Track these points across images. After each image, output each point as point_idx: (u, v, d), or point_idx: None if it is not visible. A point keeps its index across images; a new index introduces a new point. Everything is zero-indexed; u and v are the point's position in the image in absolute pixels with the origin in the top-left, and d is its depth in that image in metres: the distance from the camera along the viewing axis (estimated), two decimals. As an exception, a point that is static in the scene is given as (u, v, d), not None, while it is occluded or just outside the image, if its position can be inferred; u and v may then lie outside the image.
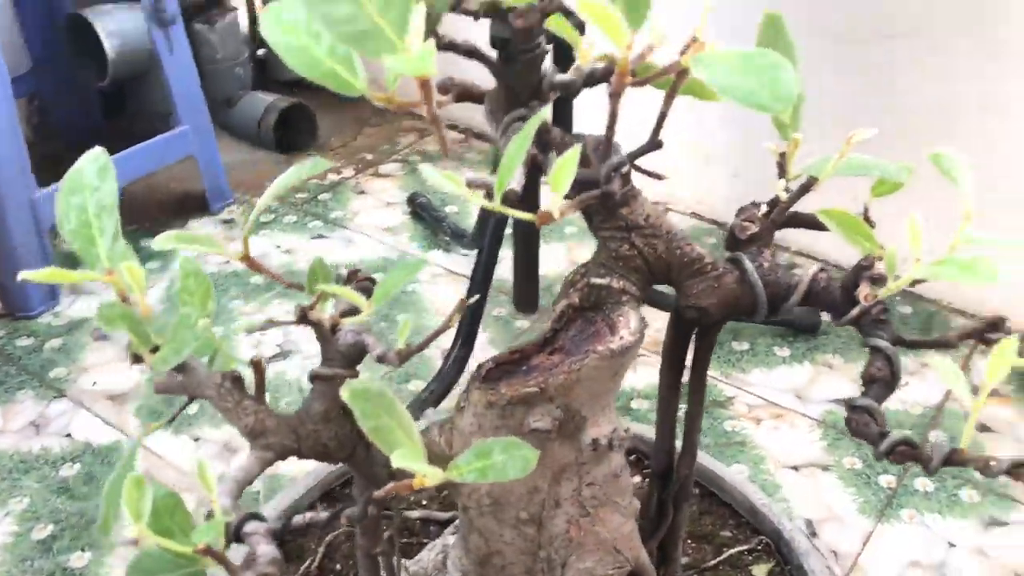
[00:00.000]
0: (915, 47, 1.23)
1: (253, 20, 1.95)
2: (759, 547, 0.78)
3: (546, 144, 0.52)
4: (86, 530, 1.01)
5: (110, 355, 1.27)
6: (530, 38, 0.51)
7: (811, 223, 0.61)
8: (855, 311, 0.55)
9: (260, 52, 1.96)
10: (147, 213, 1.59)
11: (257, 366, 0.56)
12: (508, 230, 1.27)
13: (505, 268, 1.30)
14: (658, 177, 0.54)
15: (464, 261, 1.43)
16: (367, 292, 0.60)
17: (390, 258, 1.47)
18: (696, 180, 1.54)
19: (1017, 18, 1.15)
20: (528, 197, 0.49)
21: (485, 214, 1.32)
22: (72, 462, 1.09)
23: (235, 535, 0.50)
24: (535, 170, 0.53)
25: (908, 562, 0.97)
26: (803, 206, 0.58)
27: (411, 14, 0.43)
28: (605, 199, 0.46)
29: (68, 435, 1.13)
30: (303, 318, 0.56)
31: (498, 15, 0.51)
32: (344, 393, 0.46)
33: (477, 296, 1.13)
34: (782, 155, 0.61)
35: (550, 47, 0.53)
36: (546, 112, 0.46)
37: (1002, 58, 1.18)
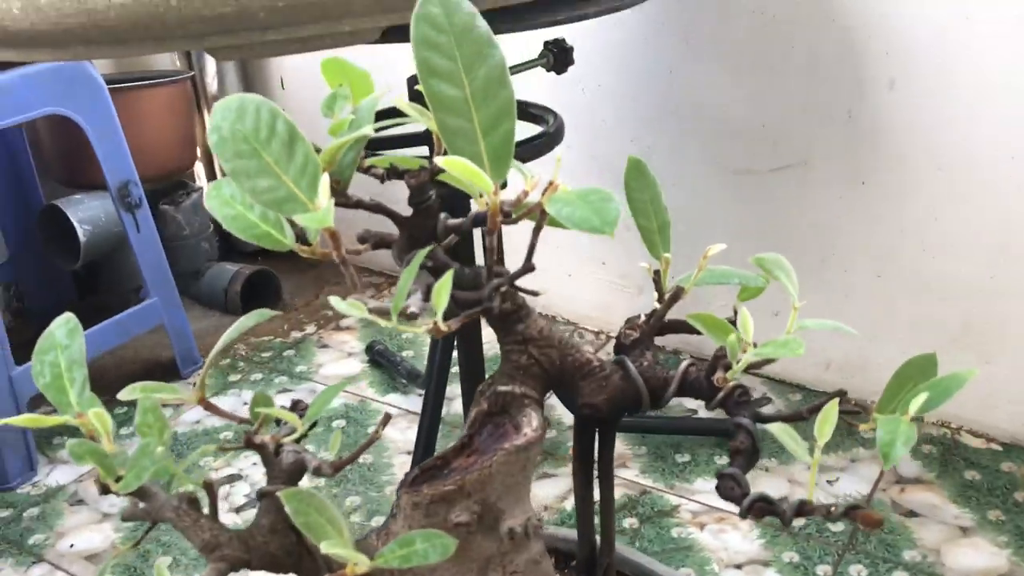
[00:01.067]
0: (801, 176, 1.38)
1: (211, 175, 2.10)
2: (691, 631, 0.85)
3: (440, 273, 0.63)
4: None
5: (85, 518, 1.33)
6: (422, 192, 0.63)
7: (683, 327, 0.71)
8: (719, 395, 0.65)
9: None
10: (120, 383, 1.67)
11: (209, 487, 0.65)
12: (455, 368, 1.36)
13: (458, 405, 1.39)
14: (534, 294, 0.64)
15: (419, 401, 1.52)
16: (309, 419, 0.69)
17: (352, 404, 1.56)
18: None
19: (876, 148, 1.30)
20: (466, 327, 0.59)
21: (433, 355, 1.42)
22: (51, 622, 1.14)
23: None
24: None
25: (847, 644, 1.03)
26: (694, 308, 0.69)
27: (319, 182, 0.54)
28: (487, 313, 0.57)
29: (47, 597, 1.18)
30: (249, 443, 0.65)
31: (397, 174, 0.63)
32: (282, 496, 0.55)
33: (391, 416, 1.23)
34: (656, 272, 0.72)
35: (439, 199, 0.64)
36: (427, 250, 0.56)
37: (869, 183, 1.32)
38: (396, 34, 0.80)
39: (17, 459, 1.40)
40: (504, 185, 0.57)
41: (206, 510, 0.65)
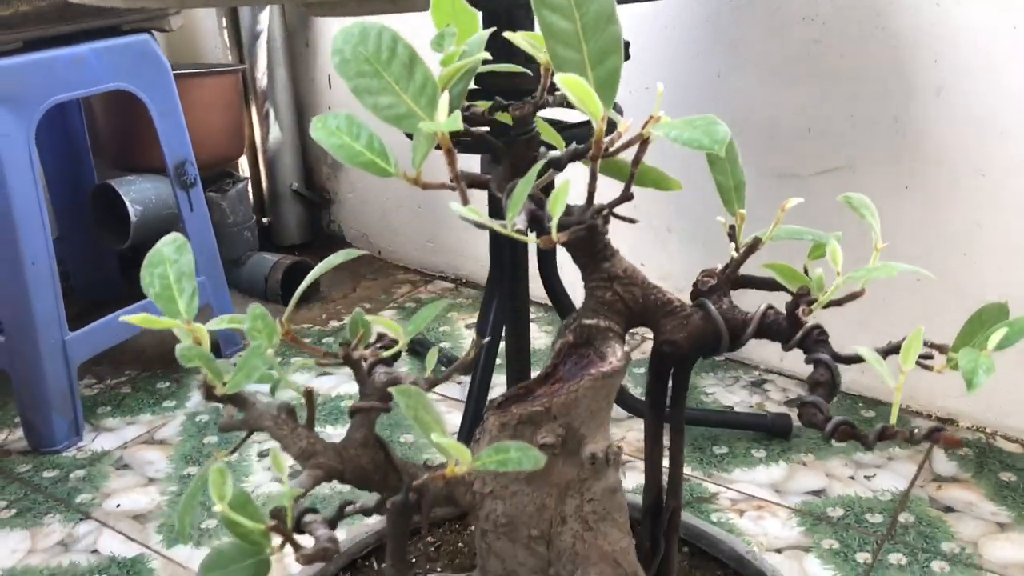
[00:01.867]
0: (845, 180, 1.41)
1: (258, 190, 2.14)
2: (745, 591, 0.86)
3: (540, 203, 0.66)
4: (115, 632, 1.06)
5: (131, 481, 1.35)
6: (526, 123, 0.66)
7: (758, 282, 0.73)
8: (799, 335, 0.68)
9: (265, 219, 2.14)
10: (162, 360, 1.71)
11: (309, 397, 0.68)
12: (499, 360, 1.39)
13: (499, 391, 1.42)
14: (631, 221, 0.67)
15: (459, 389, 1.55)
16: (394, 354, 0.72)
17: (391, 390, 1.58)
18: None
19: (921, 154, 1.34)
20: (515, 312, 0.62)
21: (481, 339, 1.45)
22: (99, 574, 1.16)
23: (296, 526, 0.59)
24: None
25: (888, 625, 1.04)
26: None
27: (438, 100, 0.57)
28: (591, 231, 0.60)
29: (95, 551, 1.20)
30: (346, 357, 0.68)
31: (501, 107, 0.66)
32: (395, 391, 0.58)
33: (489, 338, 1.29)
34: (731, 227, 0.74)
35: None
36: (537, 169, 0.60)
37: (912, 188, 1.36)
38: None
39: (64, 423, 1.42)
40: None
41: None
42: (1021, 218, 1.30)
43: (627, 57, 1.41)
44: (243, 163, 2.10)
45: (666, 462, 0.76)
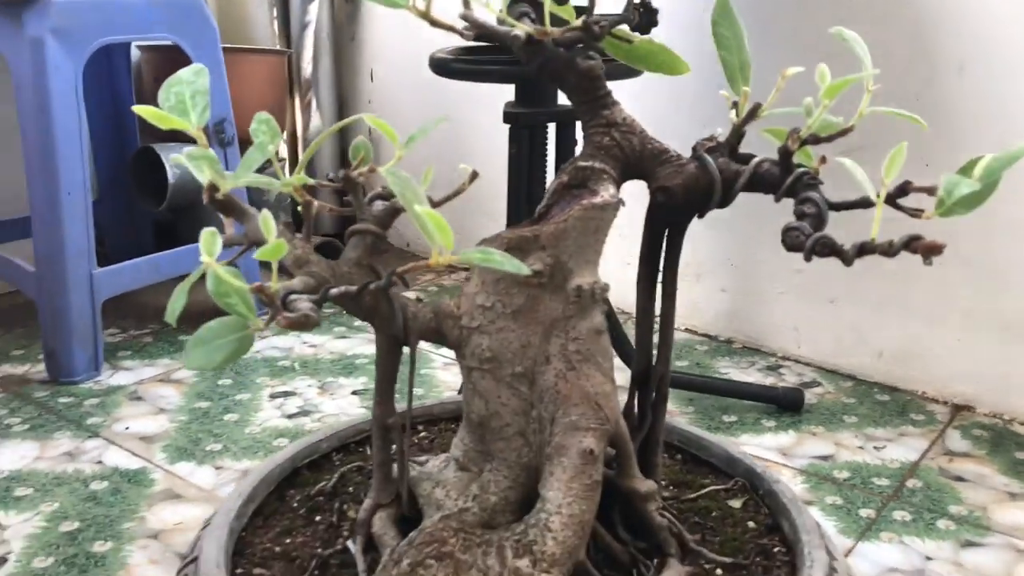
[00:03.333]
0: (866, 158, 1.42)
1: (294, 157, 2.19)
2: (735, 486, 0.85)
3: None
4: (110, 527, 1.07)
5: (143, 410, 1.37)
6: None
7: (748, 159, 0.74)
8: (789, 179, 0.68)
9: (299, 207, 2.18)
10: (187, 320, 1.74)
11: (307, 207, 0.69)
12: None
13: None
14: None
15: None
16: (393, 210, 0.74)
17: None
18: (688, 297, 1.68)
19: (943, 131, 1.35)
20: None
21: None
22: (102, 480, 1.17)
23: (282, 303, 0.61)
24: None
25: (887, 568, 1.02)
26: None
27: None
28: (586, 29, 0.62)
29: (100, 462, 1.22)
30: (347, 179, 0.70)
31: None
32: (383, 172, 0.60)
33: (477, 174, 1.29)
34: (735, 103, 0.76)
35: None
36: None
37: (933, 165, 1.36)
38: None
39: (84, 356, 1.45)
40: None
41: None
42: (1042, 197, 1.29)
43: (655, 24, 1.43)
44: (283, 150, 2.16)
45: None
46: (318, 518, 0.81)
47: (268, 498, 0.84)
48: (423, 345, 1.62)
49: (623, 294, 1.75)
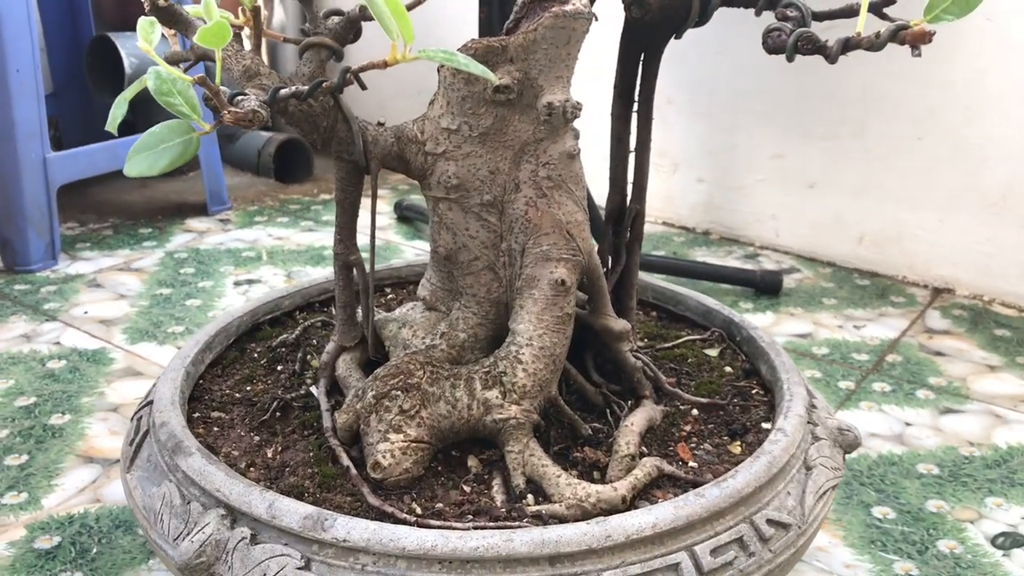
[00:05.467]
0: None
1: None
2: (712, 336, 0.83)
3: None
4: (67, 401, 1.03)
5: (101, 296, 1.32)
6: None
7: None
8: (773, -13, 0.64)
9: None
10: (149, 214, 1.68)
11: (256, 15, 0.64)
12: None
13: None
14: None
15: (446, 241, 1.52)
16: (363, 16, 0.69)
17: (379, 247, 1.55)
18: (664, 189, 1.65)
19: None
20: None
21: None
22: (59, 359, 1.13)
23: (229, 102, 0.56)
24: None
25: (867, 434, 1.00)
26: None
27: None
28: None
29: (57, 343, 1.17)
30: (299, -13, 0.65)
31: None
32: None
33: None
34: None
35: None
36: None
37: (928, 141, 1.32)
38: None
39: (40, 244, 1.40)
40: None
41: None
42: (1028, 69, 1.26)
43: None
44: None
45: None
46: (280, 367, 0.77)
47: (227, 350, 0.80)
48: (393, 238, 1.58)
49: (667, 205, 1.71)
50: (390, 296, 0.92)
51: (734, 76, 1.50)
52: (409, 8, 0.67)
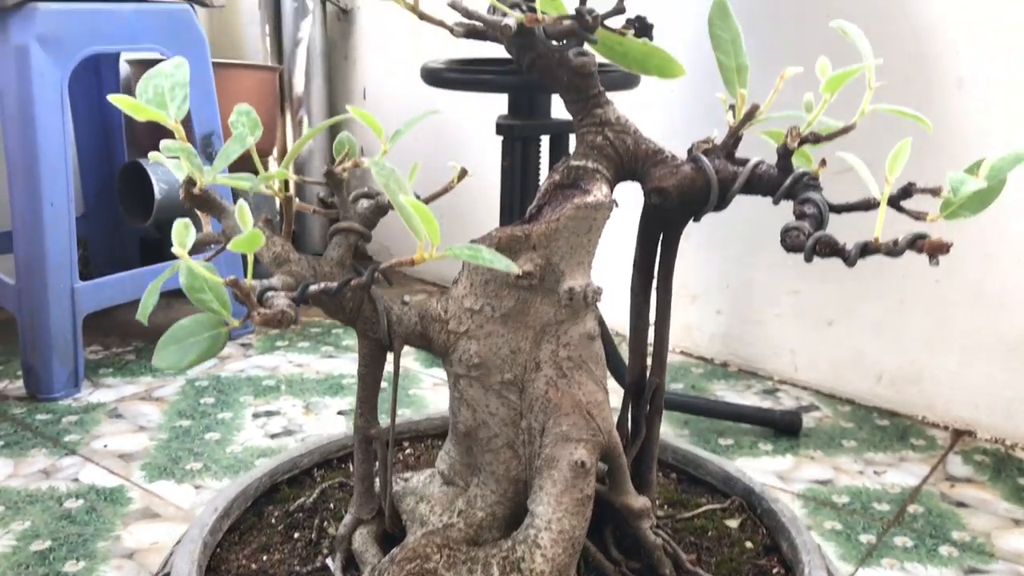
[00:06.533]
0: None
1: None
2: (732, 506, 0.82)
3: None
4: (83, 546, 1.03)
5: (122, 427, 1.33)
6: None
7: (746, 163, 0.71)
8: (788, 180, 0.66)
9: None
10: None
11: (287, 204, 0.67)
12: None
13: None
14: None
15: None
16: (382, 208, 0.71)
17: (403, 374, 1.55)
18: (683, 319, 1.65)
19: (944, 146, 1.33)
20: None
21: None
22: (77, 498, 1.13)
23: (258, 300, 0.58)
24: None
25: (889, 595, 0.98)
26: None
27: None
28: (579, 17, 0.59)
29: (76, 479, 1.18)
30: (329, 175, 0.67)
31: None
32: (369, 163, 0.57)
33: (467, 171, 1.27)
34: (732, 105, 0.73)
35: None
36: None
37: (936, 181, 1.34)
38: None
39: (64, 372, 1.41)
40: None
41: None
42: (1043, 217, 1.27)
43: (651, 39, 1.42)
44: (272, 166, 2.14)
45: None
46: (296, 535, 0.77)
47: (245, 513, 0.80)
48: (412, 365, 1.59)
49: (617, 315, 1.73)
50: (408, 451, 0.93)
51: (751, 211, 1.52)
52: (433, 198, 0.69)
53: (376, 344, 0.69)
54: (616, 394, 0.79)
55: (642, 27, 1.45)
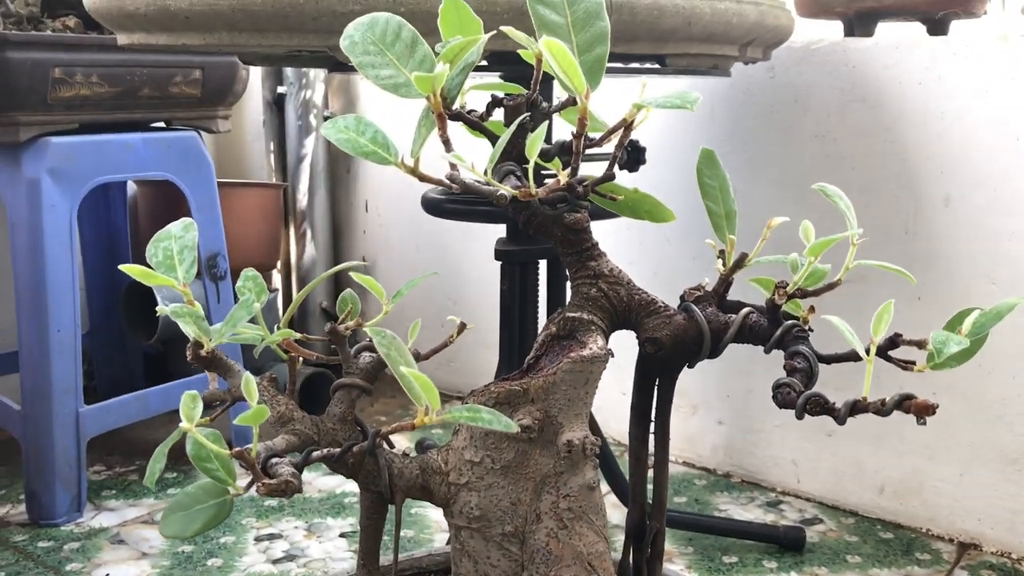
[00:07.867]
0: (858, 290, 1.43)
1: (289, 305, 2.19)
2: (736, 644, 0.82)
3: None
4: None
5: (124, 555, 1.32)
6: (517, 112, 0.70)
7: (736, 307, 0.73)
8: (778, 331, 0.68)
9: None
10: (174, 454, 1.70)
11: (292, 365, 0.68)
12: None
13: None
14: (613, 197, 0.69)
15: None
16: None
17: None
18: (684, 430, 1.66)
19: (932, 263, 1.35)
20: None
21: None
22: (77, 633, 1.12)
23: (263, 467, 0.59)
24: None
25: None
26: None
27: (435, 71, 0.61)
28: (570, 189, 0.62)
29: (76, 613, 1.17)
30: (333, 332, 0.69)
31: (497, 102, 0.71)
32: (368, 330, 0.59)
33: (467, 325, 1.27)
34: (721, 252, 0.76)
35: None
36: (514, 128, 0.63)
37: (925, 298, 1.37)
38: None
39: (67, 497, 1.42)
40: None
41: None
42: (1036, 330, 1.29)
43: (643, 162, 1.46)
44: (276, 279, 2.17)
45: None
46: None
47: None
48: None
49: (617, 425, 1.73)
50: (411, 587, 0.92)
51: (745, 344, 1.54)
52: (433, 354, 0.71)
53: (378, 496, 0.70)
54: (618, 508, 0.79)
55: (634, 151, 1.48)
